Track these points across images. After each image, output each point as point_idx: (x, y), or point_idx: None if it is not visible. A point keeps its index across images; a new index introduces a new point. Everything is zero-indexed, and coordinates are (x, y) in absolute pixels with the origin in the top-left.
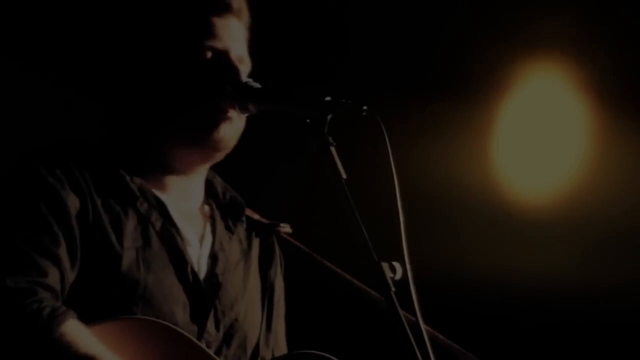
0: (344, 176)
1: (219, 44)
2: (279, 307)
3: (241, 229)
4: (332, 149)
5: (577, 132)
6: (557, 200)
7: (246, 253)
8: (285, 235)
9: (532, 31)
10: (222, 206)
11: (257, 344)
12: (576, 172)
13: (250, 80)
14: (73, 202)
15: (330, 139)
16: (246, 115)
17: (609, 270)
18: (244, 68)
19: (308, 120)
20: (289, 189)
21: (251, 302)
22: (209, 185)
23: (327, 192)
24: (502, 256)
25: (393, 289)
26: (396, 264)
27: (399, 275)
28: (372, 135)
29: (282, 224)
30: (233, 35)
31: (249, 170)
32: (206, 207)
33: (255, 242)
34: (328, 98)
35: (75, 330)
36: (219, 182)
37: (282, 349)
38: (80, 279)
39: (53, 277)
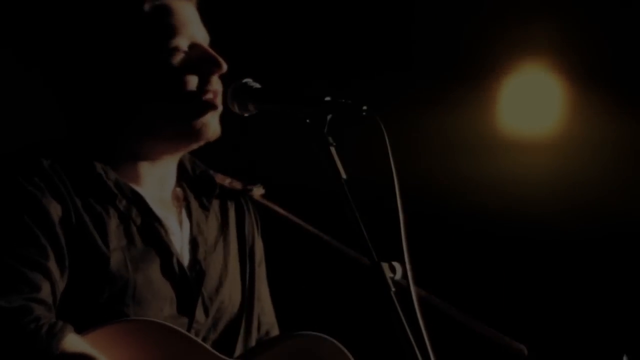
0: (344, 176)
1: (189, 33)
2: (260, 271)
3: (215, 203)
4: (332, 149)
5: (559, 97)
6: (544, 144)
7: (224, 227)
8: (259, 199)
9: (526, 31)
10: (193, 183)
11: (240, 316)
12: (557, 127)
13: (250, 80)
14: (55, 209)
15: (330, 139)
16: (246, 115)
17: (582, 196)
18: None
19: (308, 121)
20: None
21: (234, 279)
22: (180, 165)
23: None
24: (504, 181)
25: (393, 289)
26: (396, 264)
27: (399, 275)
28: (373, 135)
29: (254, 187)
30: (195, 21)
31: (243, 162)
32: (178, 190)
33: (231, 210)
34: (328, 98)
35: (74, 345)
36: (187, 158)
37: (268, 312)
38: (70, 286)
39: (45, 291)
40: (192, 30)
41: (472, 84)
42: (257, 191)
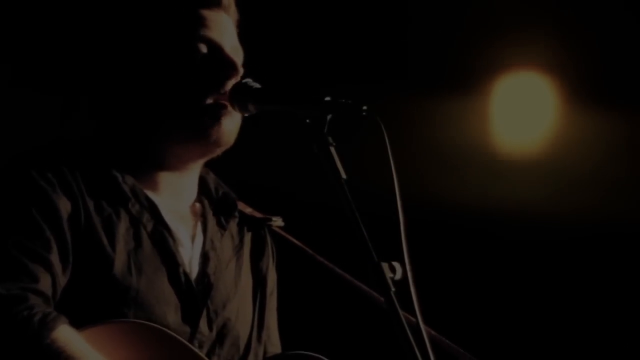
0: (344, 176)
1: (212, 37)
2: (271, 301)
3: (233, 225)
4: (332, 149)
5: (551, 104)
6: (537, 149)
7: (238, 249)
8: (277, 229)
9: (518, 40)
10: (214, 202)
11: (250, 340)
12: (550, 132)
13: (250, 80)
14: (64, 206)
15: (330, 139)
16: (246, 115)
17: (575, 197)
18: (239, 59)
19: (308, 121)
20: (282, 181)
21: (243, 300)
22: (202, 182)
23: (321, 186)
24: (497, 187)
25: (393, 289)
26: (396, 264)
27: (398, 275)
28: (373, 135)
29: (274, 218)
30: (224, 29)
31: (243, 162)
32: (197, 205)
33: (247, 237)
34: (328, 98)
35: (66, 336)
36: (211, 179)
37: (274, 342)
38: (73, 283)
39: (45, 283)
40: (216, 34)
41: (466, 91)
42: (276, 222)
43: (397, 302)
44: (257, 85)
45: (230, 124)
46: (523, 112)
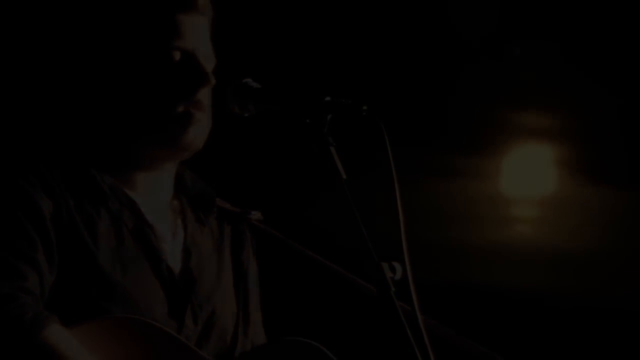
0: (344, 176)
1: (186, 44)
2: (254, 294)
3: (213, 220)
4: (332, 149)
5: (555, 162)
6: (540, 211)
7: (219, 244)
8: (256, 222)
9: (526, 98)
10: (192, 198)
11: (236, 333)
12: (552, 194)
13: (250, 80)
14: (47, 206)
15: (330, 139)
16: (246, 115)
17: (580, 268)
18: (210, 66)
19: (308, 120)
20: (262, 177)
21: (227, 293)
22: (179, 179)
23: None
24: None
25: (393, 289)
26: (396, 264)
27: (399, 275)
28: (373, 135)
29: (252, 212)
30: (199, 34)
31: (222, 159)
32: (175, 202)
33: (227, 231)
34: (328, 98)
35: (57, 335)
36: (188, 176)
37: (260, 336)
38: (59, 282)
39: (33, 281)
40: (189, 41)
41: (473, 157)
42: (255, 216)
43: (397, 302)
44: (257, 85)
45: (198, 131)
46: (531, 177)
